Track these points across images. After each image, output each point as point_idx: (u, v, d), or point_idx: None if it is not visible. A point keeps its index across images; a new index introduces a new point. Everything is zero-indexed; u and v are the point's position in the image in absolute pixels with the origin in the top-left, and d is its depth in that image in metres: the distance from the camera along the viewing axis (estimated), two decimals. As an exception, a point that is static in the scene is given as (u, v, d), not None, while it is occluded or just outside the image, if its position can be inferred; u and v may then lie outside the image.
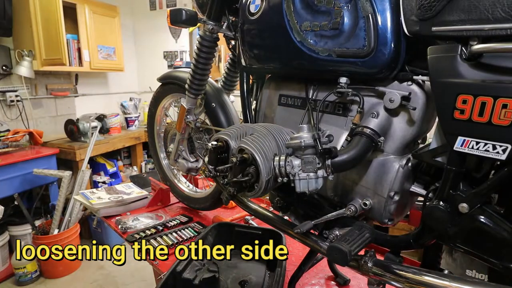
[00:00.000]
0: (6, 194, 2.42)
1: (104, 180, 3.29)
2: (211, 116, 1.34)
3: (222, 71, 2.81)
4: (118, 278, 2.61)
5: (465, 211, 0.62)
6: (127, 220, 1.50)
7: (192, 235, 1.37)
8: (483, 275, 0.72)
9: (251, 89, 1.14)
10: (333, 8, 0.77)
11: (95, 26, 3.24)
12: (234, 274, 1.08)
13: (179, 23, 1.15)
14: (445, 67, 0.61)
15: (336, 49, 0.78)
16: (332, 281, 1.11)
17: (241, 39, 1.03)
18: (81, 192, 1.72)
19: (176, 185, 1.70)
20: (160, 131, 1.74)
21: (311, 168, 0.71)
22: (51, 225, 2.55)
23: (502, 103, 0.54)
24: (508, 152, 0.55)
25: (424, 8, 0.62)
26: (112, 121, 3.38)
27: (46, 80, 3.18)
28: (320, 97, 0.90)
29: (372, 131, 0.74)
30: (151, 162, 3.81)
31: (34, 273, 2.51)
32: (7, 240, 2.53)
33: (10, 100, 2.81)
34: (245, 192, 0.82)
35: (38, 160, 2.61)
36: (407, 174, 0.75)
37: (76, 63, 3.13)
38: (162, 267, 1.16)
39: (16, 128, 2.83)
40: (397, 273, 0.69)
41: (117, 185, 1.81)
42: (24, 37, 2.81)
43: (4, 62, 2.79)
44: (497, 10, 0.53)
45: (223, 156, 0.87)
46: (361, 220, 0.86)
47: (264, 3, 0.92)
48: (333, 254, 0.70)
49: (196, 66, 1.25)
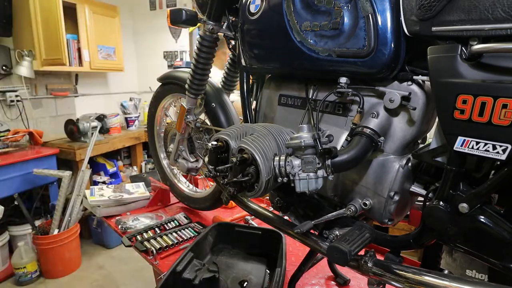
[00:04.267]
0: (6, 194, 2.42)
1: (104, 180, 3.29)
2: (211, 116, 1.34)
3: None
4: (118, 278, 2.61)
5: (465, 211, 0.62)
6: (127, 220, 1.50)
7: (192, 235, 1.37)
8: (483, 275, 0.72)
9: (251, 89, 1.14)
10: (333, 8, 0.77)
11: (95, 26, 3.24)
12: (234, 274, 1.08)
13: (179, 23, 1.15)
14: (445, 67, 0.61)
15: (336, 49, 0.78)
16: (332, 281, 1.11)
17: (241, 39, 1.03)
18: (91, 187, 1.72)
19: (176, 185, 1.70)
20: (160, 131, 1.74)
21: (311, 168, 0.71)
22: (51, 225, 2.55)
23: (502, 103, 0.54)
24: (508, 152, 0.54)
25: (424, 8, 0.62)
26: (112, 121, 3.38)
27: (46, 80, 3.18)
28: (320, 97, 0.90)
29: (372, 131, 0.74)
30: (151, 162, 3.81)
31: (34, 273, 2.51)
32: (7, 240, 2.53)
33: (10, 100, 2.81)
34: (245, 192, 0.82)
35: (38, 160, 2.61)
36: (407, 174, 0.75)
37: (76, 63, 3.13)
38: (162, 267, 1.17)
39: (16, 128, 2.83)
40: (397, 273, 0.69)
41: (127, 184, 1.81)
42: (24, 37, 2.81)
43: (4, 62, 2.79)
44: (497, 10, 0.53)
45: (223, 156, 0.87)
46: (361, 220, 0.86)
47: (264, 3, 0.92)
48: (333, 254, 0.70)
49: (196, 66, 1.25)
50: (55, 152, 2.76)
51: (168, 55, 4.13)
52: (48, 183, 2.76)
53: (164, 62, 4.15)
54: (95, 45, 3.25)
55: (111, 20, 3.46)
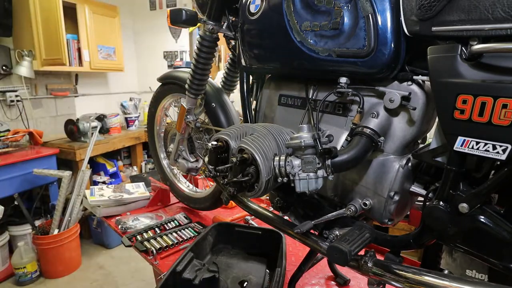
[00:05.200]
0: (6, 194, 2.42)
1: (104, 180, 3.29)
2: (211, 116, 1.34)
3: (222, 71, 2.81)
4: (118, 278, 2.61)
5: (465, 211, 0.62)
6: (127, 220, 1.50)
7: (192, 235, 1.37)
8: (483, 275, 0.72)
9: (251, 89, 1.14)
10: (333, 8, 0.77)
11: (95, 26, 3.23)
12: (234, 274, 1.08)
13: (179, 23, 1.15)
14: (445, 67, 0.61)
15: (336, 49, 0.78)
16: (332, 281, 1.11)
17: (241, 39, 1.03)
18: (91, 187, 1.72)
19: (176, 185, 1.70)
20: (160, 131, 1.74)
21: (311, 168, 0.71)
22: (51, 225, 2.54)
23: (502, 103, 0.54)
24: (508, 152, 0.55)
25: (424, 8, 0.62)
26: (112, 121, 3.37)
27: (46, 80, 3.18)
28: (320, 97, 0.90)
29: (372, 131, 0.74)
30: (151, 162, 3.81)
31: (34, 273, 2.51)
32: (7, 240, 2.53)
33: (10, 100, 2.81)
34: (245, 192, 0.82)
35: (38, 160, 2.61)
36: (407, 174, 0.75)
37: (76, 63, 3.13)
38: (162, 267, 1.17)
39: (16, 128, 2.83)
40: (397, 273, 0.69)
41: (127, 184, 1.81)
42: (24, 37, 2.81)
43: (4, 62, 2.78)
44: (497, 10, 0.53)
45: (223, 156, 0.87)
46: (361, 220, 0.86)
47: (264, 3, 0.92)
48: (333, 254, 0.70)
49: (196, 66, 1.25)
50: (55, 152, 2.76)
51: (168, 55, 4.13)
52: (48, 183, 2.76)
53: (164, 62, 4.15)
54: (95, 45, 3.25)
55: (111, 20, 3.46)
